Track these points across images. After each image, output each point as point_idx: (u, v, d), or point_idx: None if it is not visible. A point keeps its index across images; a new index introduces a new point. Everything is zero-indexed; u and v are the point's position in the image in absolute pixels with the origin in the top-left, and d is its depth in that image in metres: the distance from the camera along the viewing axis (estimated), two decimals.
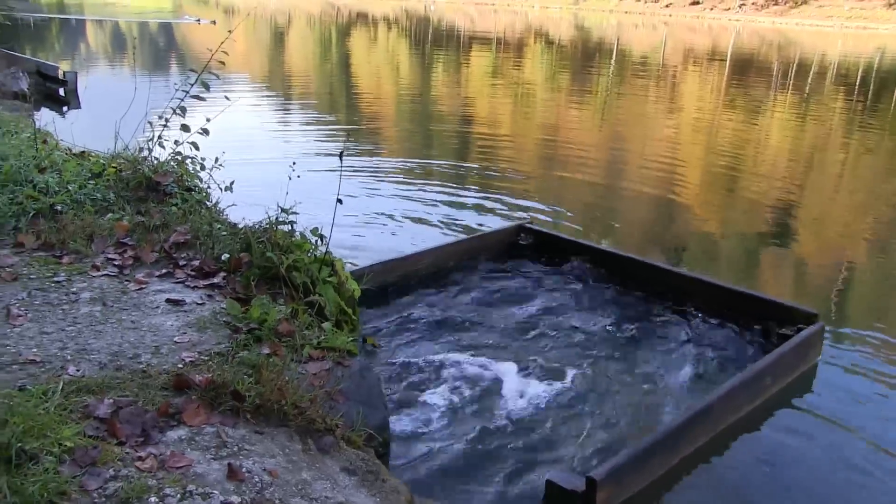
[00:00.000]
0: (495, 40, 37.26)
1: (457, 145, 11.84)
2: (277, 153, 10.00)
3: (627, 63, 27.19)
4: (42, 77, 15.54)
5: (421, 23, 52.89)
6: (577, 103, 17.24)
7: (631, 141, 12.98)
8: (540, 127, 13.95)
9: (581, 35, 43.21)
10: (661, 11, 67.92)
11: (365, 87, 19.73)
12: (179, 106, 4.64)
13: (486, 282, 5.57)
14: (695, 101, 18.33)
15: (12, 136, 5.35)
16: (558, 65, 26.82)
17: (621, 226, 7.95)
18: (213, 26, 35.00)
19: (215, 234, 3.79)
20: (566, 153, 11.39)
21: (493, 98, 17.78)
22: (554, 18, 60.77)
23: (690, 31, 49.12)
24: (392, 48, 32.29)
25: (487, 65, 25.95)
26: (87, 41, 36.25)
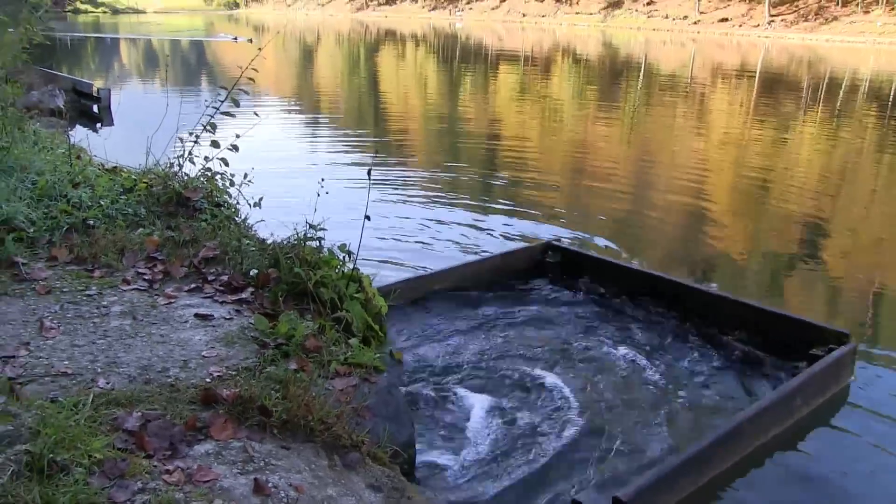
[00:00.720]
0: (523, 57, 37.34)
1: (484, 162, 11.85)
2: (306, 169, 10.09)
3: (655, 79, 27.09)
4: (77, 94, 15.83)
5: (449, 40, 53.15)
6: (605, 119, 17.20)
7: (659, 157, 12.91)
8: (568, 143, 13.93)
9: (609, 52, 43.17)
10: (690, 28, 67.60)
11: (393, 104, 19.85)
12: (209, 122, 4.69)
13: (512, 300, 5.56)
14: (723, 117, 18.20)
15: (48, 152, 5.43)
16: (586, 81, 26.80)
17: (649, 243, 7.90)
18: (249, 44, 35.46)
19: (244, 249, 3.82)
20: (594, 170, 11.36)
21: (521, 114, 17.81)
22: (581, 36, 60.78)
23: (719, 47, 48.84)
24: (420, 65, 32.47)
25: (515, 81, 26.00)
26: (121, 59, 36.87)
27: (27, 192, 4.24)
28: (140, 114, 15.05)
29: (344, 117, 16.83)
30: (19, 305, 3.21)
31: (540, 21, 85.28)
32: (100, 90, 15.67)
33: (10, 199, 4.01)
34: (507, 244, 7.06)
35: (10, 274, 3.49)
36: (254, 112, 4.80)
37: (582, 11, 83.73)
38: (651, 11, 75.34)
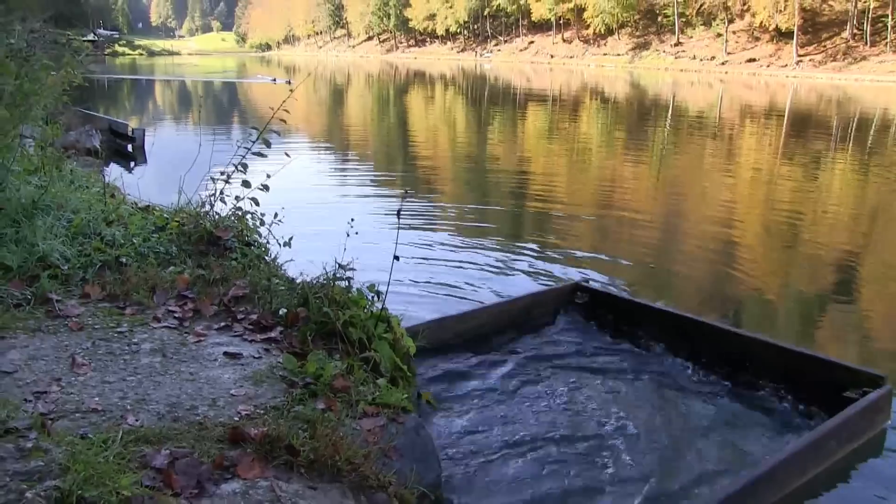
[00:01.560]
0: (551, 98, 37.57)
1: (513, 202, 11.88)
2: (336, 208, 10.17)
3: (683, 119, 27.10)
4: (113, 134, 16.17)
5: (477, 81, 53.69)
6: (633, 159, 17.20)
7: (688, 197, 12.86)
8: (596, 183, 13.93)
9: (636, 92, 43.33)
10: (717, 69, 67.73)
11: (422, 144, 20.02)
12: (241, 162, 4.76)
13: (541, 341, 5.52)
14: (752, 157, 18.12)
15: (83, 191, 5.54)
16: (614, 121, 26.87)
17: (679, 283, 7.83)
18: (286, 86, 36.07)
19: (273, 288, 3.85)
20: (623, 210, 11.33)
21: (549, 154, 17.87)
22: (609, 77, 61.12)
23: (747, 88, 48.84)
24: (449, 105, 32.78)
25: (543, 121, 26.14)
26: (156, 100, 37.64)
27: (63, 229, 4.32)
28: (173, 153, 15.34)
29: (374, 157, 17.00)
30: (52, 341, 3.25)
31: (568, 62, 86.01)
32: (134, 130, 16.01)
33: (46, 236, 4.08)
34: (535, 285, 7.03)
35: (44, 310, 3.54)
36: (285, 153, 4.85)
37: (609, 52, 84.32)
38: (678, 52, 75.67)
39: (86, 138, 13.70)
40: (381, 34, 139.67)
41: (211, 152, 5.27)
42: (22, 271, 3.79)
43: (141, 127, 16.69)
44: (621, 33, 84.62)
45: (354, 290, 3.71)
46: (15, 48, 3.98)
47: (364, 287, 3.72)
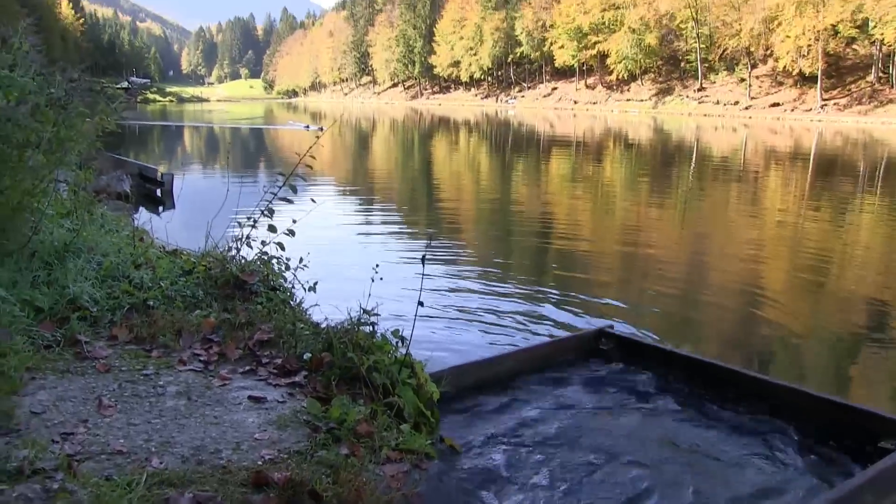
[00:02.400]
0: (574, 143, 37.75)
1: (537, 247, 11.89)
2: (361, 253, 10.24)
3: (707, 164, 27.09)
4: (142, 179, 16.44)
5: (501, 127, 54.12)
6: (657, 205, 17.18)
7: (713, 241, 12.79)
8: (621, 228, 13.91)
9: (660, 137, 43.42)
10: (741, 114, 67.81)
11: (446, 190, 20.15)
12: (267, 208, 4.82)
13: (565, 387, 5.47)
14: (778, 201, 18.03)
15: (113, 234, 5.63)
16: (638, 166, 26.91)
17: (706, 328, 7.76)
18: (319, 132, 36.58)
19: (298, 333, 3.87)
20: (648, 254, 11.29)
21: (573, 200, 17.90)
22: (633, 122, 61.36)
23: (771, 132, 48.78)
24: (473, 151, 33.02)
25: (567, 167, 26.23)
26: (185, 145, 38.28)
27: (93, 272, 4.39)
28: (201, 198, 15.57)
29: (399, 202, 17.12)
30: (80, 383, 3.28)
31: (591, 108, 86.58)
32: (163, 175, 16.27)
33: (77, 279, 4.15)
34: (560, 330, 7.00)
35: (73, 352, 3.59)
36: (311, 198, 4.92)
37: (633, 98, 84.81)
38: (702, 97, 75.93)
39: (117, 183, 13.94)
40: (406, 81, 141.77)
41: (238, 197, 5.35)
42: (53, 313, 3.85)
43: (170, 172, 16.97)
44: (644, 79, 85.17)
45: (379, 336, 3.72)
46: (54, 97, 4.09)
47: (388, 332, 3.73)
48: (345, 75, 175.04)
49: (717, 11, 71.03)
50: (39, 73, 4.17)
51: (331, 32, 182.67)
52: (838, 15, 59.09)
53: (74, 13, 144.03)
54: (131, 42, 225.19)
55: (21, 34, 4.15)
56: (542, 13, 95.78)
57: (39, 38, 4.29)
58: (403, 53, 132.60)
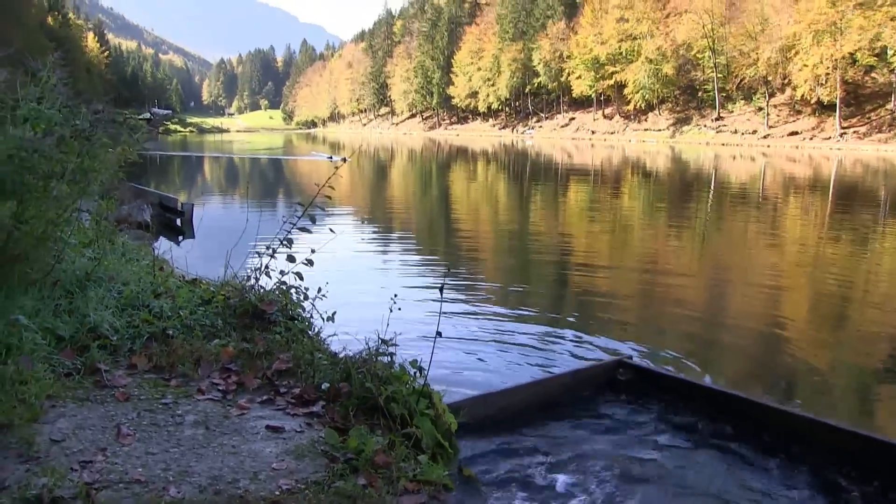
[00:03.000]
0: (592, 173, 37.78)
1: (555, 276, 11.86)
2: (379, 283, 10.25)
3: (726, 193, 26.98)
4: (163, 208, 16.59)
5: (519, 157, 54.29)
6: (676, 233, 17.11)
7: (732, 271, 12.70)
8: (639, 258, 13.85)
9: (678, 167, 43.38)
10: (759, 142, 67.63)
11: (464, 220, 20.19)
12: (286, 237, 4.85)
13: (583, 418, 5.42)
14: (798, 230, 17.91)
15: (134, 263, 5.69)
16: (656, 196, 26.86)
17: (725, 360, 7.68)
18: (342, 163, 36.80)
19: (316, 362, 3.87)
20: (666, 284, 11.22)
21: (591, 230, 17.87)
22: (650, 151, 61.36)
23: (790, 160, 48.59)
24: (491, 182, 33.12)
25: (585, 196, 26.24)
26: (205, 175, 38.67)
27: (113, 301, 4.43)
28: (220, 227, 15.68)
29: (417, 232, 17.16)
30: (99, 411, 3.30)
31: (609, 138, 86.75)
32: (183, 205, 16.42)
33: (97, 308, 4.19)
34: (578, 361, 6.95)
35: (93, 380, 3.61)
36: (329, 228, 4.95)
37: (650, 128, 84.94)
38: (719, 126, 75.91)
39: (137, 212, 14.09)
40: (424, 111, 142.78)
41: (257, 227, 5.39)
42: (73, 341, 3.89)
43: (190, 202, 17.12)
44: (662, 108, 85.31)
45: (397, 366, 3.72)
46: (79, 128, 4.16)
47: (406, 362, 3.73)
48: (363, 106, 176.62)
49: (734, 41, 71.18)
50: (65, 105, 4.25)
51: (349, 64, 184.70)
52: (856, 43, 59.01)
53: (100, 46, 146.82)
54: (154, 74, 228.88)
55: (49, 68, 4.23)
56: (559, 44, 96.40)
57: (66, 71, 4.37)
58: (421, 84, 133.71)
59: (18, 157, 3.84)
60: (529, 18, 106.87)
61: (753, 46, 68.13)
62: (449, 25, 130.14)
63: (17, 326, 3.55)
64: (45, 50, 43.61)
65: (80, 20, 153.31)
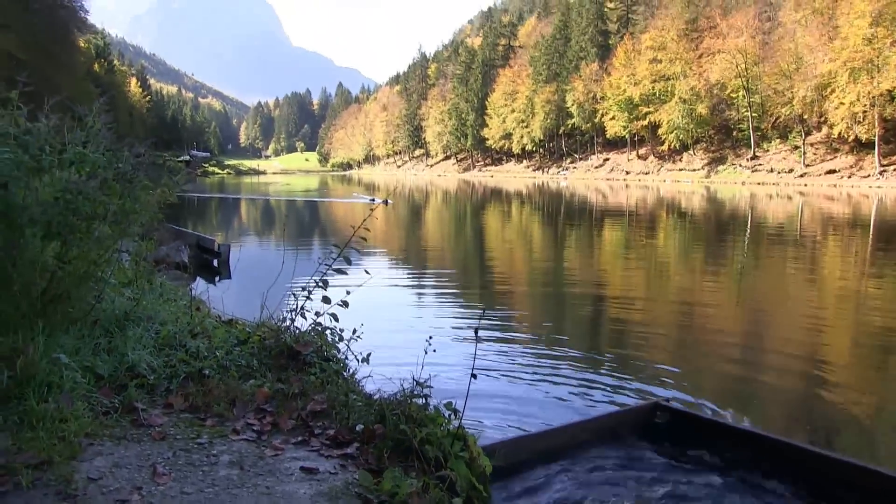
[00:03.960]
0: (627, 214, 37.63)
1: (591, 316, 11.77)
2: (414, 325, 10.25)
3: (763, 233, 26.66)
4: (200, 249, 16.81)
5: (553, 198, 54.29)
6: (712, 274, 16.91)
7: (771, 312, 12.49)
8: (675, 299, 13.69)
9: (714, 207, 43.05)
10: (796, 181, 66.95)
11: (499, 260, 20.17)
12: (322, 279, 4.88)
13: (619, 462, 5.33)
14: (838, 270, 17.58)
15: (171, 304, 5.76)
16: (692, 236, 26.64)
17: (765, 403, 7.52)
18: (384, 204, 37.22)
19: (351, 404, 3.87)
20: (703, 326, 11.06)
21: (626, 271, 17.73)
22: (685, 192, 61.01)
23: (828, 199, 47.95)
24: (525, 222, 33.13)
25: (620, 238, 26.10)
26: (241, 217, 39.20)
27: (151, 340, 4.49)
28: (256, 268, 15.85)
29: (452, 273, 17.17)
30: (136, 450, 3.32)
31: (643, 178, 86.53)
32: (220, 246, 16.64)
33: (135, 347, 4.25)
34: (614, 403, 6.86)
35: (130, 419, 3.64)
36: (364, 270, 4.97)
37: (685, 168, 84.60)
38: (755, 166, 75.34)
39: (175, 253, 14.29)
40: (459, 153, 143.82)
41: (293, 268, 5.44)
42: (112, 380, 3.94)
43: (227, 243, 17.34)
44: (696, 148, 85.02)
45: (431, 408, 3.70)
46: (122, 171, 4.27)
47: (441, 404, 3.71)
48: (398, 148, 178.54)
49: (769, 80, 70.88)
50: (109, 148, 4.37)
51: (384, 106, 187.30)
52: (894, 81, 58.45)
53: (142, 91, 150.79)
54: (193, 117, 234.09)
55: (95, 113, 4.36)
56: (592, 85, 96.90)
57: (110, 115, 4.50)
58: (456, 126, 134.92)
59: (64, 199, 3.94)
60: (562, 60, 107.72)
61: (788, 85, 67.77)
62: (483, 68, 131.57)
63: (59, 365, 3.62)
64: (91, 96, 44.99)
65: (125, 66, 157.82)
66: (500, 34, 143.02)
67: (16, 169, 3.79)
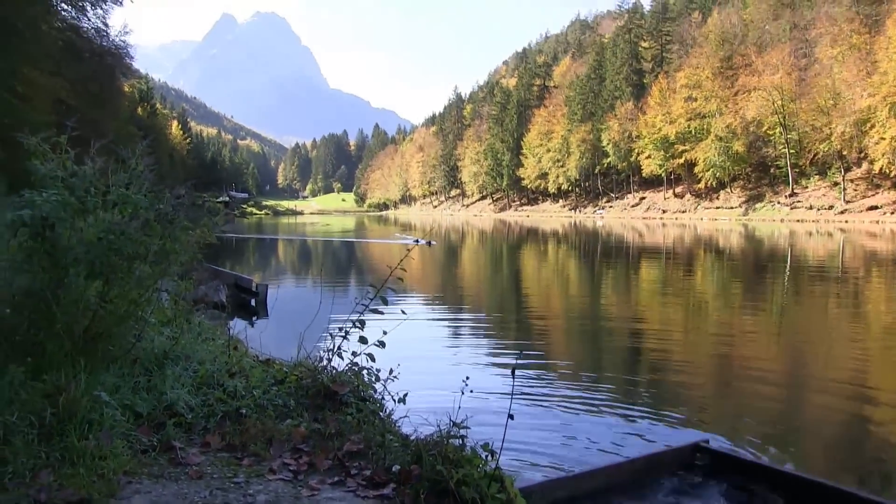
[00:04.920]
0: (664, 252, 37.31)
1: (629, 355, 11.63)
2: (451, 365, 10.21)
3: (803, 271, 26.22)
4: (238, 289, 16.98)
5: (590, 237, 54.08)
6: (751, 312, 16.64)
7: (813, 352, 12.23)
8: (714, 339, 13.48)
9: (752, 245, 42.50)
10: (836, 218, 65.91)
11: (536, 299, 20.08)
12: (358, 319, 4.90)
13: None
14: (882, 308, 17.19)
15: (209, 343, 5.81)
16: (730, 274, 26.29)
17: (809, 444, 7.33)
18: (429, 246, 37.40)
19: (387, 444, 3.85)
20: (743, 366, 10.86)
21: (664, 309, 17.52)
22: (723, 230, 60.39)
23: (870, 236, 47.08)
24: (561, 262, 33.00)
25: (657, 276, 25.85)
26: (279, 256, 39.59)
27: (189, 379, 4.53)
28: (293, 308, 15.95)
29: (488, 313, 17.11)
30: (173, 489, 3.33)
31: (680, 216, 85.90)
32: (258, 286, 16.80)
33: (174, 385, 4.29)
34: (652, 444, 6.74)
35: (167, 458, 3.66)
36: (401, 310, 4.99)
37: (722, 206, 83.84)
38: (794, 203, 74.39)
39: (214, 293, 14.45)
40: (494, 193, 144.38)
41: (330, 308, 5.47)
42: (150, 418, 3.97)
43: (264, 282, 17.51)
44: (733, 186, 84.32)
45: (468, 448, 3.66)
46: (163, 212, 4.35)
47: (478, 445, 3.68)
48: (434, 188, 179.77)
49: (806, 116, 70.21)
50: (150, 190, 4.46)
51: (420, 147, 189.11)
52: None
53: (182, 133, 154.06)
54: (232, 158, 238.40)
55: (138, 156, 4.47)
56: (627, 124, 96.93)
57: (152, 157, 4.61)
58: (491, 166, 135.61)
59: (107, 240, 4.02)
60: (597, 100, 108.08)
61: (826, 121, 67.06)
62: (518, 108, 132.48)
63: (99, 402, 3.66)
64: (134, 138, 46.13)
65: (166, 109, 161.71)
66: (535, 74, 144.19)
67: (62, 210, 3.89)
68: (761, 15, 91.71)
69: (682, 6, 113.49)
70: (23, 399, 3.52)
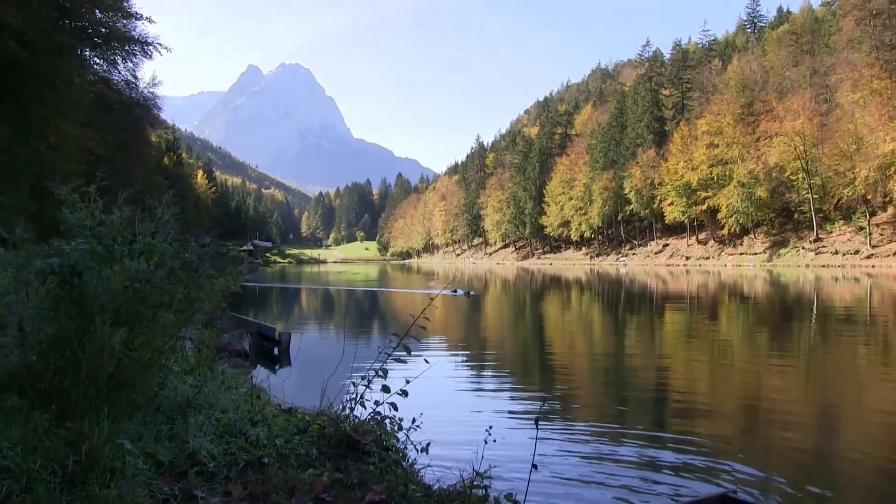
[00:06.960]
0: (689, 299, 36.98)
1: (654, 405, 11.45)
2: (474, 414, 10.12)
3: (830, 317, 25.83)
4: (261, 337, 17.02)
5: (613, 285, 53.77)
6: (778, 361, 16.36)
7: (843, 399, 11.97)
8: (741, 384, 13.26)
9: (777, 291, 42.02)
10: (863, 263, 65.08)
11: (558, 350, 19.91)
12: (381, 368, 4.89)
13: None
14: None
15: (232, 391, 5.82)
16: (756, 320, 25.95)
17: (840, 495, 7.13)
18: (467, 296, 37.37)
19: (410, 494, 3.81)
20: (771, 415, 10.65)
21: (689, 358, 17.28)
22: (748, 276, 59.81)
23: None
24: (585, 310, 32.80)
25: (682, 323, 25.59)
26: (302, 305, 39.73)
27: (211, 427, 4.52)
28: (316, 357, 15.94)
29: (511, 362, 16.99)
30: None
31: (704, 263, 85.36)
32: (281, 334, 16.83)
33: (196, 434, 4.28)
34: (677, 494, 6.60)
35: None
36: (424, 359, 4.97)
37: (746, 252, 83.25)
38: (819, 248, 73.67)
39: (237, 341, 14.50)
40: (517, 241, 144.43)
41: (353, 357, 5.46)
42: (172, 467, 3.96)
43: (287, 331, 17.54)
44: (757, 232, 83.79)
45: (492, 499, 3.62)
46: (187, 261, 4.40)
47: (501, 496, 3.63)
48: (457, 237, 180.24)
49: (829, 161, 69.85)
50: (176, 239, 4.52)
51: (443, 196, 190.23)
52: None
53: (208, 182, 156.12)
54: (256, 207, 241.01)
55: (164, 205, 4.54)
56: (649, 171, 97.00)
57: (177, 206, 4.67)
58: (514, 214, 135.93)
59: (133, 288, 4.06)
60: (619, 147, 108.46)
61: (849, 166, 66.66)
62: (540, 156, 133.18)
63: (122, 451, 3.65)
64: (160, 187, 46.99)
65: (192, 159, 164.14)
66: (557, 123, 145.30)
67: (90, 259, 3.94)
68: (781, 61, 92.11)
69: (701, 54, 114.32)
70: (46, 446, 3.52)
